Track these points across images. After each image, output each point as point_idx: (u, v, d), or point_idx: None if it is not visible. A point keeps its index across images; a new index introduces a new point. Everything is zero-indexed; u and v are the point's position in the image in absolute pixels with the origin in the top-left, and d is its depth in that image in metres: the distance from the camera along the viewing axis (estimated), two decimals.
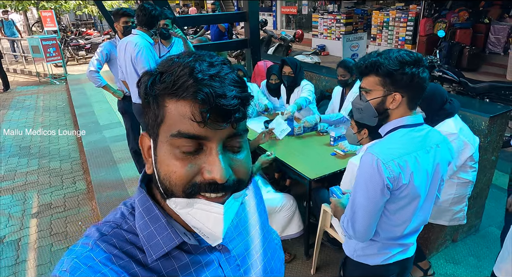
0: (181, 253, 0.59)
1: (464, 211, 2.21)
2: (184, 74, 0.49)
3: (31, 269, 2.74)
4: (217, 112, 0.48)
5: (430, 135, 1.24)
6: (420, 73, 1.15)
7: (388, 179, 1.14)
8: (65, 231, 3.18)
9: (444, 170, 1.29)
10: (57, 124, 6.02)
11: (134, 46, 2.61)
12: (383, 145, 1.20)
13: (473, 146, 2.05)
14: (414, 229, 1.34)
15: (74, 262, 0.51)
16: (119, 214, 0.61)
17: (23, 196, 3.80)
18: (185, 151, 0.50)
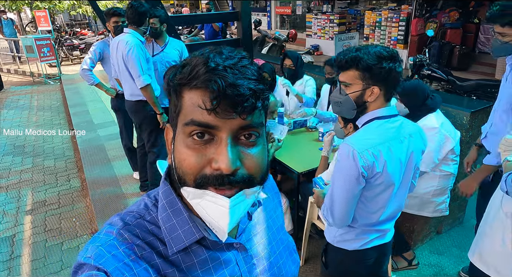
0: (201, 248, 0.59)
1: (446, 203, 2.29)
2: (199, 64, 0.50)
3: (25, 264, 2.78)
4: (226, 101, 0.48)
5: (403, 126, 1.31)
6: (396, 68, 1.22)
7: (363, 168, 1.21)
8: (59, 227, 3.22)
9: (418, 159, 1.37)
10: (51, 123, 6.04)
11: (125, 44, 2.65)
12: (358, 136, 1.28)
13: (454, 139, 2.13)
14: (390, 216, 1.41)
15: (99, 250, 0.53)
16: (142, 205, 0.62)
17: (17, 194, 3.83)
18: (196, 139, 0.51)
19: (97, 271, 0.50)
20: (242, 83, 0.49)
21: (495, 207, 1.60)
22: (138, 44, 2.68)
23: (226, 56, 0.52)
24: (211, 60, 0.50)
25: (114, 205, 3.32)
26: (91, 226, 3.22)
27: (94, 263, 0.51)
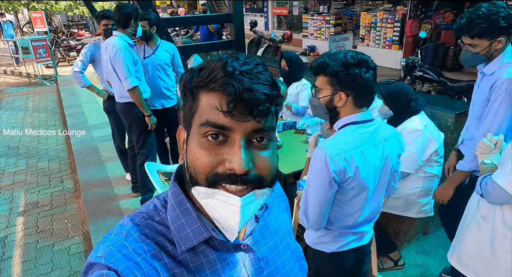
0: (208, 249, 0.60)
1: (431, 204, 2.32)
2: (217, 68, 0.52)
3: (16, 265, 2.80)
4: (242, 104, 0.50)
5: (378, 130, 1.33)
6: (362, 74, 1.23)
7: (334, 173, 1.23)
8: (51, 229, 3.24)
9: (394, 162, 1.39)
10: (47, 124, 6.06)
11: (112, 47, 2.68)
12: (332, 141, 1.30)
13: (438, 141, 2.16)
14: (368, 218, 1.43)
15: (110, 249, 0.54)
16: (152, 206, 0.63)
17: (10, 195, 3.85)
18: (210, 140, 0.53)
19: (108, 270, 0.52)
20: (257, 88, 0.51)
21: (472, 209, 1.61)
22: (125, 46, 2.70)
23: (243, 61, 0.54)
24: (229, 65, 0.52)
25: (106, 207, 3.34)
26: (83, 227, 3.24)
27: (104, 262, 0.52)
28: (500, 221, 1.45)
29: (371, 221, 1.48)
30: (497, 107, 1.62)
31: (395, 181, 1.53)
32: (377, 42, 9.49)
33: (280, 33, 9.64)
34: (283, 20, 14.58)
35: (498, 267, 1.47)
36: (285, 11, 13.99)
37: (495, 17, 1.55)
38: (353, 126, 1.31)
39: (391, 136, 1.36)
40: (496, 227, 1.46)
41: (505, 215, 1.43)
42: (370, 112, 1.35)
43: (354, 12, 11.26)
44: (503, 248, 1.44)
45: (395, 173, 1.49)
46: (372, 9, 10.30)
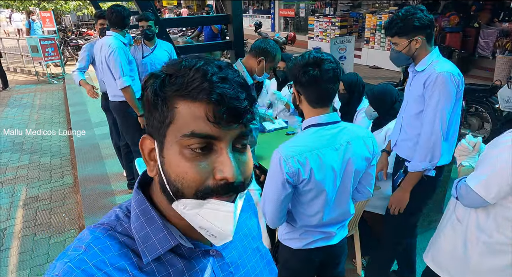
0: (176, 258, 0.58)
1: None
2: (198, 77, 0.50)
3: (13, 256, 2.90)
4: (230, 113, 0.50)
5: (342, 132, 1.33)
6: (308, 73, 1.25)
7: (287, 174, 1.26)
8: (49, 222, 3.33)
9: (360, 165, 1.37)
10: (51, 121, 6.20)
11: (108, 47, 2.76)
12: (289, 143, 1.32)
13: None
14: (335, 220, 1.44)
15: (68, 266, 0.50)
16: (113, 216, 0.60)
17: (12, 189, 3.97)
18: (195, 150, 0.51)
19: None
20: (241, 96, 0.51)
21: (450, 211, 1.61)
22: (121, 46, 2.78)
23: (217, 67, 0.53)
24: (209, 73, 0.51)
25: (103, 202, 3.43)
26: (79, 221, 3.33)
27: None
28: (474, 224, 1.44)
29: (339, 223, 1.48)
30: (436, 101, 1.65)
31: (370, 185, 1.51)
32: (382, 44, 9.48)
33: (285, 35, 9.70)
34: (289, 22, 14.63)
35: (470, 269, 1.46)
36: (292, 12, 14.04)
37: (411, 17, 1.64)
38: (314, 128, 1.32)
39: (356, 139, 1.35)
40: (469, 230, 1.45)
41: (479, 218, 1.42)
42: (335, 114, 1.36)
43: (360, 15, 11.26)
44: (476, 251, 1.43)
45: (369, 177, 1.47)
46: (378, 11, 10.29)
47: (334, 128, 1.33)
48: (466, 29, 8.27)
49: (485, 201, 1.33)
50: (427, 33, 1.68)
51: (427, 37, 1.68)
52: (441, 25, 8.35)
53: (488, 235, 1.38)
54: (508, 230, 1.33)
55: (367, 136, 1.39)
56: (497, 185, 1.29)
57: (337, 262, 1.61)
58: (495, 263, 1.39)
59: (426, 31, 1.67)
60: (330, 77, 1.26)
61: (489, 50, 7.98)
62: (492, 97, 4.22)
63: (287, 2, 14.33)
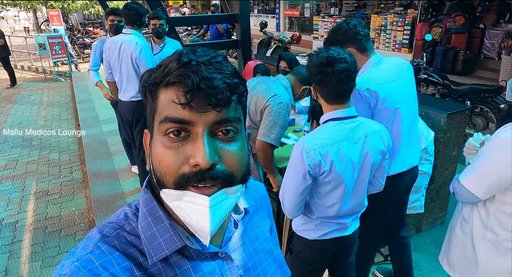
0: (183, 259, 0.57)
1: (421, 201, 2.39)
2: (172, 60, 0.51)
3: (25, 248, 2.97)
4: (200, 94, 0.48)
5: (360, 127, 1.38)
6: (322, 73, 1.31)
7: (310, 166, 1.30)
8: (60, 216, 3.40)
9: (377, 158, 1.43)
10: (59, 118, 6.29)
11: (136, 45, 2.73)
12: (310, 136, 1.38)
13: (427, 139, 2.23)
14: (350, 211, 1.49)
15: (75, 266, 0.51)
16: (122, 215, 0.60)
17: (22, 183, 4.04)
18: (172, 138, 0.50)
19: None
20: (215, 77, 0.49)
21: (458, 210, 1.55)
22: (147, 45, 2.81)
23: (200, 53, 0.52)
24: (184, 56, 0.50)
25: (112, 196, 3.49)
26: (89, 215, 3.40)
27: None
28: (478, 222, 1.37)
29: (354, 214, 1.53)
30: None
31: (382, 177, 1.56)
32: (387, 45, 9.50)
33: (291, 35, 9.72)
34: (294, 22, 14.66)
35: (479, 269, 1.39)
36: (297, 12, 14.06)
37: (338, 30, 1.69)
38: (333, 122, 1.37)
39: (373, 133, 1.40)
40: (475, 228, 1.39)
41: (481, 215, 1.36)
42: (353, 109, 1.40)
43: (365, 15, 11.26)
44: (483, 250, 1.36)
45: (382, 170, 1.53)
46: (383, 12, 10.30)
47: (353, 122, 1.38)
48: (472, 30, 8.28)
49: (475, 196, 1.29)
50: (357, 44, 1.69)
51: (358, 47, 1.69)
52: (447, 25, 8.37)
53: (492, 232, 1.32)
54: (510, 225, 1.27)
55: (382, 130, 1.45)
56: (488, 180, 1.25)
57: (349, 252, 1.66)
58: (504, 264, 1.30)
59: (355, 42, 1.68)
60: (342, 77, 1.30)
61: (495, 51, 7.99)
62: (498, 97, 4.25)
63: (292, 2, 14.35)
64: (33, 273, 2.68)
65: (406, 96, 1.74)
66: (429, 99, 3.00)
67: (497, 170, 1.23)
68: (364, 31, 1.68)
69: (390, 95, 1.66)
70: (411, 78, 1.79)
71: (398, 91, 1.69)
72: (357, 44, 1.68)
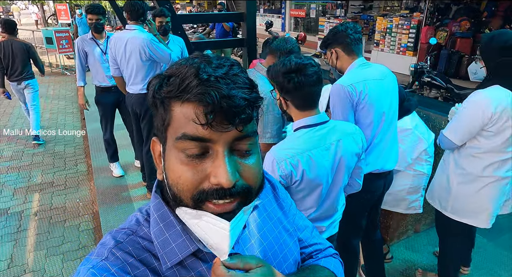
0: (197, 261, 0.57)
1: (420, 201, 2.43)
2: (189, 75, 0.48)
3: (30, 237, 3.03)
4: (221, 114, 0.47)
5: (331, 132, 1.37)
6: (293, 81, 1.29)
7: (281, 177, 1.30)
8: (64, 207, 3.46)
9: (351, 161, 1.44)
10: (65, 111, 6.36)
11: (142, 40, 2.78)
12: (282, 146, 1.37)
13: (427, 141, 2.27)
14: (323, 215, 1.50)
15: (91, 273, 0.51)
16: (134, 220, 0.61)
17: (28, 174, 4.11)
18: (190, 155, 0.50)
19: None
20: (236, 94, 0.48)
21: (446, 155, 2.01)
22: (153, 37, 2.87)
23: (216, 65, 0.50)
24: (202, 71, 0.48)
25: (115, 189, 3.56)
26: (93, 207, 3.46)
27: None
28: (453, 162, 1.90)
29: (328, 219, 1.54)
30: (332, 109, 1.76)
31: (359, 177, 1.58)
32: (392, 47, 9.53)
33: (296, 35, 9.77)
34: (300, 22, 14.70)
35: (452, 196, 1.93)
36: (303, 13, 14.10)
37: (330, 32, 1.81)
38: (304, 129, 1.37)
39: (346, 136, 1.40)
40: (450, 167, 1.92)
41: (455, 156, 1.90)
42: (323, 114, 1.39)
43: (371, 17, 11.29)
44: (455, 181, 1.90)
45: (358, 170, 1.55)
46: (389, 14, 10.33)
47: (324, 128, 1.37)
48: (477, 35, 8.28)
49: (453, 143, 1.80)
50: (344, 45, 1.76)
51: (344, 49, 1.76)
52: (452, 30, 8.38)
53: (462, 168, 1.86)
54: (475, 163, 1.81)
55: (355, 132, 1.45)
56: (461, 131, 1.76)
57: None
58: (468, 190, 1.87)
59: (342, 44, 1.76)
60: (313, 81, 1.30)
61: None
62: None
63: (298, 3, 14.40)
64: (38, 261, 2.75)
65: (388, 98, 1.79)
66: (431, 102, 3.04)
67: (468, 122, 1.73)
68: (355, 35, 1.75)
69: (373, 94, 1.70)
70: (394, 84, 1.84)
71: (380, 91, 1.74)
72: (344, 46, 1.77)
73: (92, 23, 3.32)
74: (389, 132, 1.85)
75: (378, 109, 1.74)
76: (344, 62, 1.81)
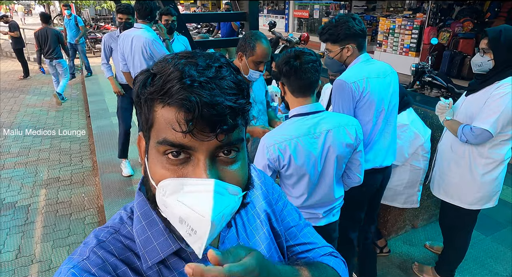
0: (180, 261, 0.57)
1: (417, 195, 2.48)
2: (173, 78, 0.46)
3: (37, 229, 3.12)
4: (203, 122, 0.45)
5: (323, 121, 1.44)
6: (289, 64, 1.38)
7: (269, 160, 1.40)
8: (70, 201, 3.55)
9: (342, 151, 1.48)
10: (71, 109, 6.46)
11: (144, 41, 2.88)
12: (273, 132, 1.47)
13: (423, 136, 2.32)
14: (320, 202, 1.56)
15: (71, 273, 0.51)
16: (118, 218, 0.60)
17: (35, 169, 4.20)
18: (171, 159, 0.48)
19: None
20: (220, 101, 0.46)
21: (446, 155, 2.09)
22: (157, 37, 2.96)
23: (204, 66, 0.48)
24: (186, 75, 0.46)
25: (120, 185, 3.63)
26: (98, 201, 3.54)
27: None
28: (477, 155, 1.93)
29: (325, 206, 1.59)
30: (333, 104, 1.78)
31: (359, 171, 1.61)
32: (395, 48, 9.55)
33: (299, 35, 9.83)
34: (303, 23, 14.75)
35: (477, 184, 1.97)
36: (306, 14, 14.16)
37: (342, 25, 1.69)
38: (296, 118, 1.45)
39: (337, 127, 1.45)
40: (473, 159, 1.95)
41: (479, 149, 1.93)
42: (318, 104, 1.47)
43: (374, 18, 11.32)
44: (480, 172, 1.96)
45: (356, 163, 1.58)
46: (392, 15, 10.36)
47: (316, 117, 1.44)
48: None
49: (491, 134, 1.79)
50: (358, 42, 1.75)
51: (358, 45, 1.76)
52: (455, 30, 8.40)
53: (487, 157, 1.91)
54: (499, 150, 1.90)
55: (350, 123, 1.49)
56: (501, 122, 1.77)
57: None
58: (492, 177, 1.95)
59: (358, 40, 1.74)
60: (309, 68, 1.38)
61: None
62: None
63: (302, 3, 14.46)
64: (44, 252, 2.83)
65: (388, 96, 1.80)
66: (428, 100, 3.09)
67: (507, 113, 1.75)
68: (365, 29, 1.75)
69: (374, 91, 1.72)
70: (395, 81, 1.87)
71: (381, 89, 1.75)
72: (358, 42, 1.75)
73: (122, 22, 3.38)
74: (389, 129, 1.88)
75: (378, 106, 1.77)
76: (353, 57, 1.79)
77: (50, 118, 5.94)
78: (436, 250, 2.61)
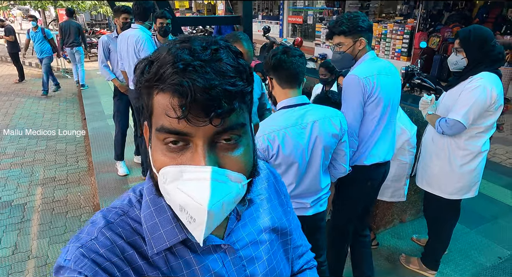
0: (185, 249, 0.57)
1: (403, 189, 2.58)
2: (166, 63, 0.46)
3: (34, 226, 3.16)
4: (197, 106, 0.44)
5: (309, 113, 1.52)
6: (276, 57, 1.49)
7: (258, 150, 1.43)
8: (66, 200, 3.60)
9: (328, 141, 1.55)
10: (66, 112, 6.51)
11: (136, 39, 2.99)
12: (262, 123, 1.54)
13: (410, 132, 2.42)
14: (307, 192, 1.63)
15: (79, 252, 0.51)
16: (127, 200, 0.60)
17: (30, 170, 4.25)
18: (170, 147, 0.48)
19: (78, 274, 0.50)
20: (214, 85, 0.44)
21: (428, 148, 2.23)
22: (148, 38, 3.05)
23: (200, 49, 0.47)
24: (178, 59, 0.45)
25: (116, 184, 3.69)
26: (94, 200, 3.59)
27: (73, 267, 0.50)
28: (455, 147, 2.06)
29: (312, 195, 1.65)
30: (343, 99, 1.82)
31: (344, 161, 1.68)
32: (386, 52, 9.74)
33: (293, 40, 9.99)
34: (297, 28, 14.96)
35: (456, 175, 2.10)
36: (300, 19, 14.37)
37: (356, 19, 1.75)
38: (283, 110, 1.53)
39: (322, 118, 1.53)
40: (452, 151, 2.07)
41: (456, 141, 2.05)
42: (303, 96, 1.55)
43: None
44: (459, 163, 2.08)
45: (341, 153, 1.65)
46: (384, 21, 10.57)
47: (302, 109, 1.52)
48: None
49: (464, 126, 1.91)
50: (369, 36, 1.80)
51: (368, 40, 1.82)
52: (444, 36, 8.60)
53: (464, 149, 2.04)
54: (475, 142, 2.02)
55: (334, 115, 1.57)
56: (472, 114, 1.89)
57: (314, 234, 1.77)
58: (470, 168, 2.07)
59: (368, 34, 1.81)
60: (295, 60, 1.48)
61: None
62: None
63: (296, 9, 14.68)
64: (41, 248, 2.87)
65: (393, 93, 1.87)
66: (415, 98, 3.21)
67: (477, 105, 1.87)
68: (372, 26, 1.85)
69: (383, 88, 1.77)
70: (398, 80, 1.95)
71: (388, 86, 1.82)
72: (368, 37, 1.82)
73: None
74: (391, 126, 1.95)
75: (385, 103, 1.81)
76: (363, 52, 1.83)
77: (46, 120, 5.99)
78: (422, 243, 2.70)
